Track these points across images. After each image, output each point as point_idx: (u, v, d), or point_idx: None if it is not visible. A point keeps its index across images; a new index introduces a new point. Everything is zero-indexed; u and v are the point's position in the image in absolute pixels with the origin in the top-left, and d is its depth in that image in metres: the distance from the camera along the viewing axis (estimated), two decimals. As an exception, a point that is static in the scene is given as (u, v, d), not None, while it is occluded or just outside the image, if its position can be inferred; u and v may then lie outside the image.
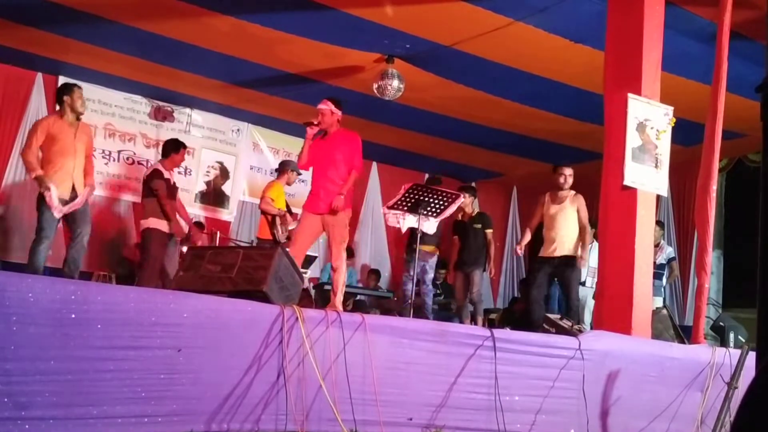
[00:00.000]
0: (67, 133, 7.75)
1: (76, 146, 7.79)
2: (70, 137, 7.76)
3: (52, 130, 7.69)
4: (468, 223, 10.62)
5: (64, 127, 7.76)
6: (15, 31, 9.60)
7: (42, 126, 7.77)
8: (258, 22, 8.84)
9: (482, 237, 10.56)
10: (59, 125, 7.75)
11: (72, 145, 7.76)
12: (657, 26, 6.97)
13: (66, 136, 7.73)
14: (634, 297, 6.62)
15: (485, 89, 10.42)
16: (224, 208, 13.03)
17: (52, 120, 7.85)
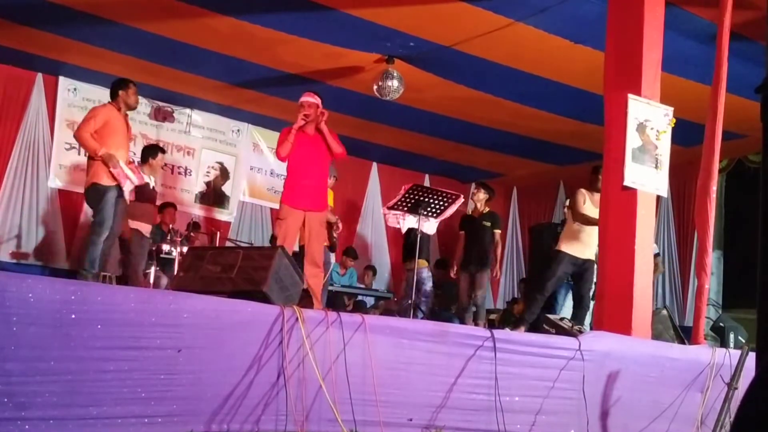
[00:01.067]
0: (122, 125, 7.84)
1: (127, 140, 7.92)
2: (124, 129, 7.86)
3: (112, 121, 7.74)
4: (478, 219, 10.38)
5: (120, 118, 7.85)
6: (15, 32, 9.60)
7: (102, 113, 7.77)
8: (258, 22, 8.85)
9: (490, 236, 10.32)
10: (116, 116, 7.81)
11: (124, 138, 7.86)
12: (657, 27, 6.97)
13: (121, 128, 7.82)
14: (634, 297, 6.61)
15: (485, 89, 10.42)
16: (224, 208, 13.03)
17: (111, 109, 7.87)
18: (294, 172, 7.52)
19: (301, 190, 7.45)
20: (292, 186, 7.50)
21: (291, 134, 7.43)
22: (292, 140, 7.42)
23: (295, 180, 7.50)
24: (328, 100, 7.75)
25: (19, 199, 10.76)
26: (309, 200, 7.44)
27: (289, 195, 7.50)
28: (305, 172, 7.49)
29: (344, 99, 10.64)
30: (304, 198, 7.43)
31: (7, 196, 10.88)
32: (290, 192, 7.50)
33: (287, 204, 7.49)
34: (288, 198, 7.51)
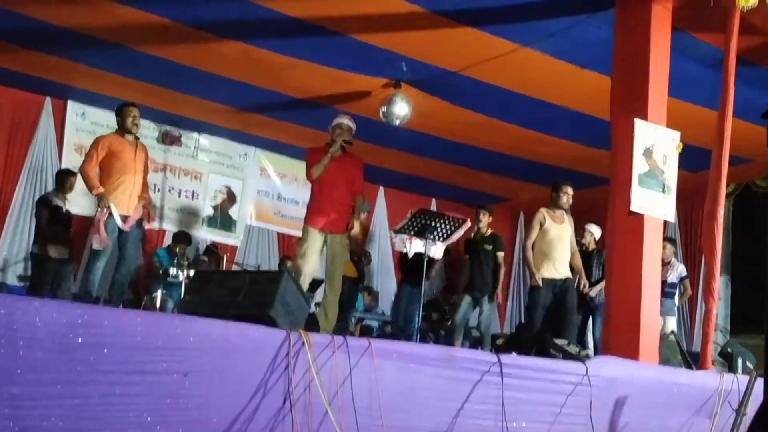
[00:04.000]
0: (128, 151, 7.76)
1: (135, 165, 7.79)
2: (131, 154, 7.76)
3: (114, 147, 7.68)
4: (480, 242, 10.26)
5: (125, 144, 7.77)
6: (24, 56, 9.67)
7: (104, 142, 7.74)
8: (266, 47, 8.90)
9: (493, 260, 10.21)
10: (120, 142, 7.75)
11: (132, 163, 7.75)
12: (663, 52, 6.99)
13: (127, 154, 7.73)
14: (642, 322, 6.59)
15: (492, 114, 10.44)
16: (231, 232, 13.04)
17: (113, 137, 7.84)
18: (319, 194, 7.54)
19: (326, 213, 7.46)
20: (317, 208, 7.53)
21: (326, 158, 7.43)
22: (326, 163, 7.43)
23: (319, 202, 7.52)
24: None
25: (26, 223, 10.76)
26: (332, 222, 7.44)
27: (313, 217, 7.51)
28: (330, 195, 7.49)
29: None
30: (328, 220, 7.44)
31: (15, 220, 10.90)
32: (314, 214, 7.52)
33: (311, 225, 7.50)
34: (311, 219, 7.51)
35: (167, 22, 8.39)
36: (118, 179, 7.63)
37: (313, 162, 7.51)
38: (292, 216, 13.50)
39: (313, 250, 7.44)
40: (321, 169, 7.43)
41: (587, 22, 7.59)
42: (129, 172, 7.71)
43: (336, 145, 7.49)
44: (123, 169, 7.68)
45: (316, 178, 7.49)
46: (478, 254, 10.09)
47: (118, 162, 7.66)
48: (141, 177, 7.87)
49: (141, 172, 7.88)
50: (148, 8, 8.17)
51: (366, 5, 7.77)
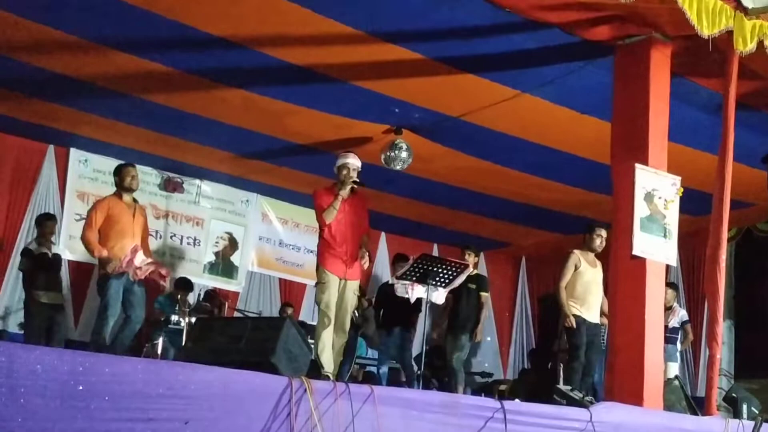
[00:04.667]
0: (126, 214, 7.75)
1: (134, 228, 7.78)
2: (129, 218, 7.76)
3: (112, 211, 7.68)
4: (464, 282, 9.55)
5: (123, 207, 7.76)
6: (27, 104, 9.73)
7: (102, 206, 7.75)
8: (267, 94, 8.96)
9: (476, 299, 9.91)
10: (118, 206, 7.74)
11: (131, 227, 7.75)
12: (663, 97, 7.04)
13: (125, 217, 7.73)
14: (645, 367, 6.56)
15: (493, 159, 10.48)
16: (233, 278, 13.02)
17: (111, 200, 7.83)
18: (332, 238, 7.29)
19: (340, 257, 7.25)
20: (331, 252, 7.28)
21: (338, 201, 7.21)
22: (338, 206, 7.22)
23: (333, 246, 7.28)
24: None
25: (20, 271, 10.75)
26: (347, 268, 7.25)
27: (329, 260, 7.27)
28: (344, 238, 7.28)
29: (353, 169, 10.70)
30: (343, 265, 7.24)
31: (16, 267, 10.87)
32: (330, 258, 7.27)
33: (328, 269, 7.25)
34: (328, 264, 7.26)
35: (169, 70, 8.45)
36: (117, 244, 7.63)
37: (323, 205, 7.30)
38: (293, 262, 13.51)
39: (335, 297, 7.21)
40: (334, 213, 7.21)
41: (587, 68, 7.65)
42: (127, 236, 7.70)
43: (346, 187, 7.29)
44: (121, 233, 7.67)
45: (330, 222, 7.24)
46: (462, 294, 9.93)
47: (117, 226, 7.67)
48: (140, 241, 7.85)
49: (139, 234, 7.88)
50: (150, 56, 8.24)
51: (366, 53, 7.83)
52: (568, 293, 8.38)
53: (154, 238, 11.90)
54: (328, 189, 7.42)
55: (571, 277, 8.41)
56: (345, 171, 7.35)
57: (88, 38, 7.89)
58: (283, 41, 7.77)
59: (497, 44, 7.50)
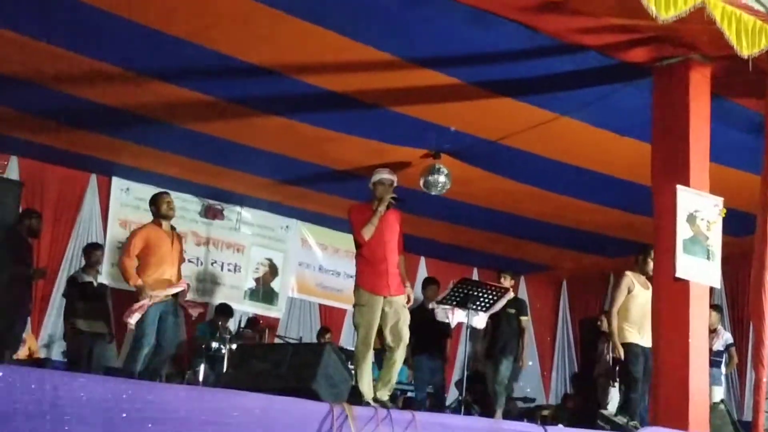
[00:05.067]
0: (165, 242, 7.85)
1: (172, 256, 7.89)
2: (168, 246, 7.85)
3: (151, 240, 7.78)
4: (503, 307, 9.60)
5: (162, 235, 7.86)
6: (69, 134, 9.88)
7: (140, 234, 7.87)
8: (306, 121, 9.01)
9: (516, 323, 9.90)
10: (157, 234, 7.85)
11: (169, 254, 7.85)
12: (703, 117, 6.98)
13: (164, 245, 7.82)
14: (690, 392, 6.46)
15: (532, 182, 10.44)
16: (273, 304, 13.06)
17: (150, 228, 7.95)
18: (371, 256, 7.05)
19: (381, 275, 6.98)
20: (370, 271, 7.03)
21: (376, 217, 7.00)
22: (376, 223, 7.00)
23: (373, 263, 7.03)
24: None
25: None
26: (389, 285, 6.95)
27: (368, 280, 7.01)
28: (384, 255, 7.03)
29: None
30: (385, 283, 6.95)
31: (60, 295, 10.99)
32: (369, 277, 7.02)
33: (368, 290, 6.98)
34: (365, 283, 7.02)
35: (209, 98, 8.54)
36: (156, 271, 7.73)
37: (360, 221, 7.09)
38: (333, 287, 13.53)
39: (377, 320, 6.92)
40: (373, 230, 6.99)
41: (625, 90, 7.61)
42: (166, 263, 7.80)
43: (384, 203, 7.04)
44: (161, 261, 7.77)
45: (369, 238, 7.01)
46: (501, 318, 9.87)
47: (156, 254, 7.76)
48: (177, 267, 7.97)
49: (177, 262, 7.99)
50: (190, 85, 8.33)
51: (404, 78, 7.86)
52: (621, 318, 8.02)
53: (194, 265, 12.04)
54: (364, 205, 7.25)
55: (624, 300, 8.03)
56: (381, 187, 7.17)
57: (131, 69, 8.01)
58: (322, 68, 7.83)
59: (534, 67, 7.49)
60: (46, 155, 10.75)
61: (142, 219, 9.97)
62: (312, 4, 6.67)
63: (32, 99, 8.78)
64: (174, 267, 7.85)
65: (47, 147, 10.38)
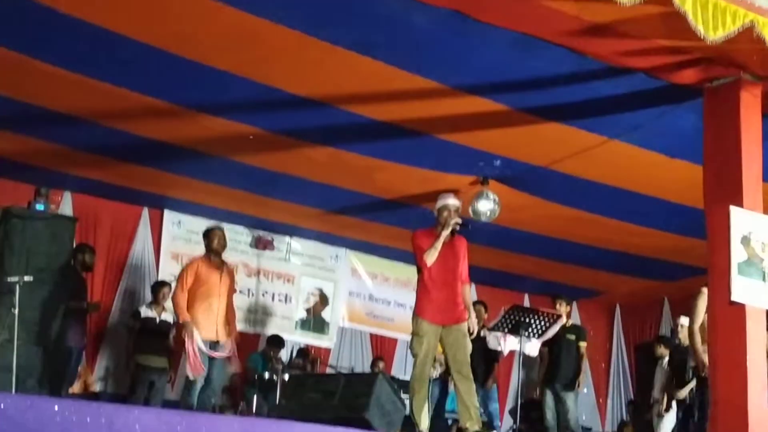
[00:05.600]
0: (214, 275, 8.08)
1: (220, 289, 8.08)
2: (216, 279, 8.08)
3: (201, 273, 8.04)
4: (561, 334, 9.80)
5: (212, 269, 8.11)
6: (121, 169, 10.04)
7: (191, 268, 8.16)
8: (353, 150, 9.06)
9: (575, 350, 9.90)
10: (206, 267, 8.11)
11: (217, 287, 8.07)
12: (755, 138, 6.88)
13: (212, 278, 8.05)
14: (750, 418, 6.32)
15: (582, 207, 10.36)
16: (324, 334, 13.06)
17: (200, 262, 8.22)
18: (431, 282, 6.99)
19: (439, 303, 6.93)
20: (429, 298, 6.97)
21: (439, 242, 6.93)
22: (439, 248, 6.92)
23: (431, 291, 6.97)
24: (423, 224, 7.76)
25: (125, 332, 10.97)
26: (448, 313, 6.91)
27: (426, 308, 6.94)
28: (444, 282, 6.98)
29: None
30: (441, 311, 6.90)
31: (114, 328, 11.13)
32: (428, 304, 6.95)
33: (425, 318, 6.91)
34: (424, 311, 6.94)
35: (257, 130, 8.62)
36: (203, 303, 7.97)
37: (423, 246, 7.01)
38: (384, 316, 13.50)
39: (433, 351, 6.91)
40: (436, 255, 6.91)
41: (674, 112, 7.54)
42: (214, 296, 8.03)
43: (448, 228, 6.99)
44: (208, 293, 8.00)
45: (432, 263, 6.93)
46: (560, 345, 9.77)
47: (204, 287, 8.00)
48: (225, 300, 8.15)
49: (225, 295, 8.18)
50: (238, 118, 8.42)
51: (450, 106, 7.87)
52: (702, 337, 7.47)
53: (245, 296, 12.09)
54: (428, 231, 7.17)
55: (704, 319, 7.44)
56: (446, 213, 7.10)
57: (180, 104, 8.13)
58: (369, 98, 7.86)
59: (581, 91, 7.45)
60: (99, 190, 10.91)
61: (194, 251, 10.09)
62: (358, 36, 6.73)
63: (84, 135, 8.94)
64: (221, 300, 7.99)
65: (99, 182, 10.55)
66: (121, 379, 10.75)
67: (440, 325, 6.87)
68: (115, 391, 10.69)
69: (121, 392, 10.50)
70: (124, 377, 10.59)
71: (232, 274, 8.40)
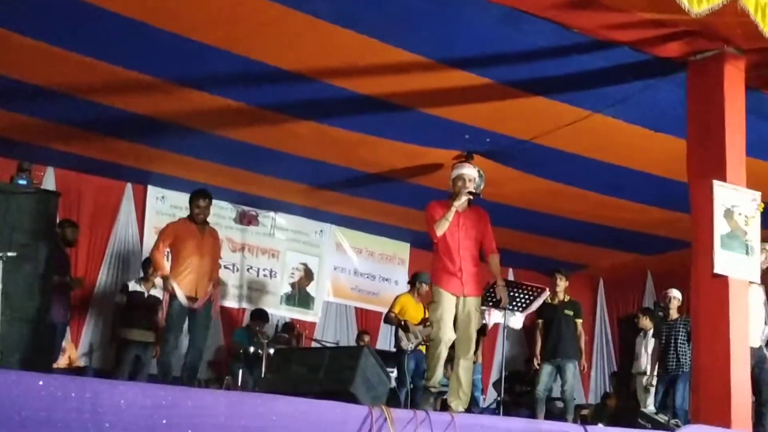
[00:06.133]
0: (194, 236, 8.14)
1: (202, 249, 8.13)
2: (197, 239, 8.13)
3: (180, 233, 8.14)
4: (559, 308, 9.94)
5: (191, 229, 8.17)
6: (104, 144, 9.97)
7: (170, 228, 8.31)
8: (338, 125, 9.03)
9: (573, 326, 9.92)
10: (187, 228, 8.20)
11: (196, 247, 8.11)
12: (738, 111, 6.90)
13: (192, 239, 8.11)
14: (732, 389, 6.38)
15: (566, 181, 10.38)
16: (309, 309, 13.09)
17: (180, 223, 8.37)
18: (447, 253, 6.85)
19: (455, 273, 6.79)
20: (445, 268, 6.82)
21: (450, 212, 6.79)
22: (450, 218, 6.79)
23: (446, 262, 6.83)
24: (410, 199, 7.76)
25: (110, 306, 10.95)
26: (464, 284, 6.78)
27: (443, 278, 6.81)
28: (459, 253, 6.84)
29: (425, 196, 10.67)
30: (459, 281, 6.77)
31: (98, 304, 11.11)
32: (444, 274, 6.81)
33: (441, 287, 6.79)
34: (442, 281, 6.81)
35: (241, 105, 8.58)
36: (184, 262, 8.01)
37: (435, 217, 6.87)
38: (369, 291, 13.55)
39: (449, 315, 6.71)
40: (446, 225, 6.77)
41: (658, 85, 7.54)
42: (194, 255, 8.06)
43: (461, 198, 6.85)
44: (189, 253, 8.05)
45: (442, 234, 6.81)
46: (559, 320, 9.82)
47: (184, 247, 8.07)
48: (209, 260, 8.17)
49: (208, 255, 8.20)
50: (222, 93, 8.37)
51: (435, 80, 7.84)
52: None
53: (231, 271, 12.09)
54: (442, 202, 7.04)
55: None
56: (460, 182, 6.94)
57: (163, 78, 8.06)
58: (353, 72, 7.83)
59: (566, 65, 7.44)
60: (82, 165, 10.85)
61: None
62: (342, 8, 6.68)
63: (66, 110, 8.87)
64: (203, 259, 8.08)
65: (83, 157, 10.47)
66: (106, 353, 10.73)
67: (455, 295, 6.77)
68: (100, 366, 10.67)
69: (106, 367, 10.48)
70: (109, 352, 10.58)
71: (215, 235, 8.43)
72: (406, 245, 13.81)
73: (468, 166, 7.09)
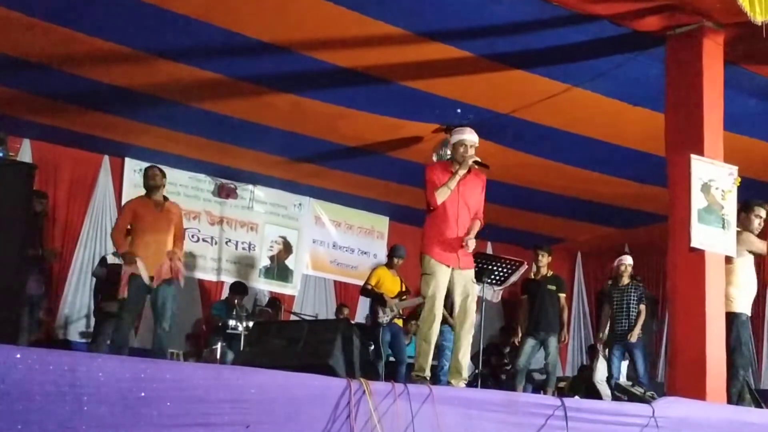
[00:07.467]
0: (151, 212, 8.09)
1: (159, 224, 8.08)
2: (154, 216, 8.08)
3: (138, 211, 8.09)
4: (543, 283, 9.99)
5: (148, 206, 8.12)
6: (82, 116, 9.88)
7: (129, 207, 8.28)
8: (317, 98, 8.99)
9: (557, 301, 9.98)
10: (144, 205, 8.15)
11: (155, 223, 8.06)
12: (717, 86, 6.93)
13: (150, 215, 8.07)
14: (707, 361, 6.45)
15: (545, 155, 10.41)
16: (288, 282, 13.10)
17: (137, 201, 8.30)
18: (444, 221, 6.38)
19: (450, 243, 6.34)
20: (441, 238, 6.35)
21: (453, 180, 6.33)
22: (453, 186, 6.33)
23: (444, 230, 6.37)
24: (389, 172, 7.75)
25: (87, 280, 10.92)
26: (460, 255, 6.38)
27: (437, 248, 6.32)
28: (456, 222, 6.40)
29: (404, 170, 10.70)
30: (454, 252, 6.34)
31: (76, 276, 11.08)
32: (438, 245, 6.33)
33: (434, 257, 6.31)
34: (436, 252, 6.32)
35: (220, 77, 8.53)
36: (142, 239, 8.00)
37: (436, 182, 6.36)
38: (347, 264, 13.57)
39: (442, 292, 6.29)
40: (448, 194, 6.31)
41: (638, 59, 7.56)
42: (151, 231, 8.03)
43: (466, 166, 6.39)
44: (146, 229, 8.04)
45: (440, 203, 6.33)
46: (542, 295, 9.90)
47: (142, 223, 8.05)
48: (167, 235, 8.11)
49: (166, 231, 8.13)
50: (200, 65, 8.32)
51: (414, 53, 7.82)
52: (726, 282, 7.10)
53: (209, 244, 12.06)
54: (443, 164, 6.64)
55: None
56: (462, 148, 6.43)
57: (140, 49, 8.00)
58: (331, 44, 7.80)
59: (546, 39, 7.44)
60: (59, 137, 10.76)
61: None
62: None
63: (43, 81, 8.80)
64: (160, 235, 8.04)
65: (59, 129, 10.38)
66: (84, 326, 10.71)
67: (449, 266, 6.35)
68: (78, 338, 10.65)
69: (84, 340, 10.46)
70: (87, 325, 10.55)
71: (173, 210, 8.31)
72: (385, 219, 13.83)
73: (469, 131, 6.56)
